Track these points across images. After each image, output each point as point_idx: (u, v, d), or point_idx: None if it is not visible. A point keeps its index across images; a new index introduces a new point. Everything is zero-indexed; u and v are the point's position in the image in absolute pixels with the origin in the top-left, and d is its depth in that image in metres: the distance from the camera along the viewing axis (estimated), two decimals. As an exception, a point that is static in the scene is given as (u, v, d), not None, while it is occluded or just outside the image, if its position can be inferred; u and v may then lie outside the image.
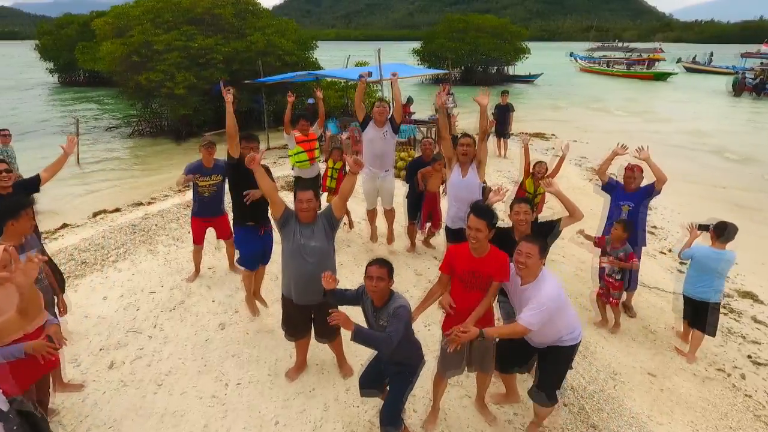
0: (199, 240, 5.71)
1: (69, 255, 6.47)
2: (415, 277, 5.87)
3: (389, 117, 5.84)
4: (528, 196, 6.09)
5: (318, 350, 4.30)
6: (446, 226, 5.21)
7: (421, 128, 13.56)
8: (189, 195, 9.28)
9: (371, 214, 6.55)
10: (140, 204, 9.11)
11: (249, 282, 4.90)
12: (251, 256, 4.80)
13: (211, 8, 15.91)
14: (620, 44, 57.85)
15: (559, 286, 3.09)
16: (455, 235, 4.95)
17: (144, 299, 5.33)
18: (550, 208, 6.69)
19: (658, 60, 41.21)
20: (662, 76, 37.98)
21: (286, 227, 3.63)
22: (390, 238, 6.63)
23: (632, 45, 56.24)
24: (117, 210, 8.77)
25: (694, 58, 47.04)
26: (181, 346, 4.49)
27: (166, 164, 12.79)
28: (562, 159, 6.17)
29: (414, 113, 14.18)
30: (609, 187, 5.30)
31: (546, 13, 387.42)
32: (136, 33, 14.49)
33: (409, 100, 13.84)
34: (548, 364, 3.35)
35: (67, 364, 4.17)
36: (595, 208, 9.08)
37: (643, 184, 5.18)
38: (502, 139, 12.21)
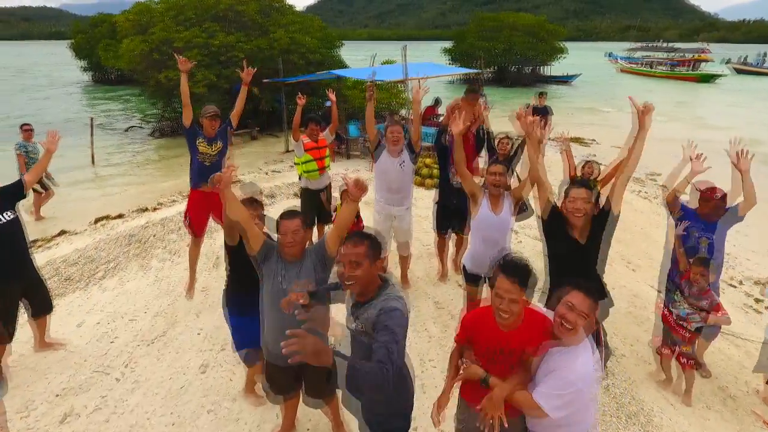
0: (199, 229, 5.11)
1: (55, 269, 5.88)
2: (435, 311, 5.00)
3: (406, 143, 4.73)
4: None
5: (310, 409, 3.50)
6: (463, 266, 4.23)
7: (450, 131, 12.67)
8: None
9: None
10: (145, 210, 8.54)
11: (251, 375, 3.68)
12: (251, 347, 3.38)
13: (234, 4, 15.39)
14: (664, 44, 55.08)
15: (594, 368, 2.19)
16: (475, 280, 4.09)
17: (122, 328, 4.65)
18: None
19: (705, 61, 38.82)
20: (708, 78, 35.74)
21: (266, 264, 2.83)
22: (405, 281, 5.41)
23: (676, 45, 53.47)
24: (120, 216, 8.22)
25: (744, 58, 44.27)
26: (151, 394, 3.76)
27: (185, 165, 12.23)
28: (618, 167, 5.09)
29: (442, 115, 13.26)
30: (682, 215, 4.12)
31: (582, 12, 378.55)
32: (157, 30, 14.08)
33: (437, 102, 12.95)
34: None
35: (15, 414, 3.50)
36: (647, 227, 8.06)
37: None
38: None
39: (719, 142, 14.84)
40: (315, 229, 6.11)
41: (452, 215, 5.20)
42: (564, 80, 34.62)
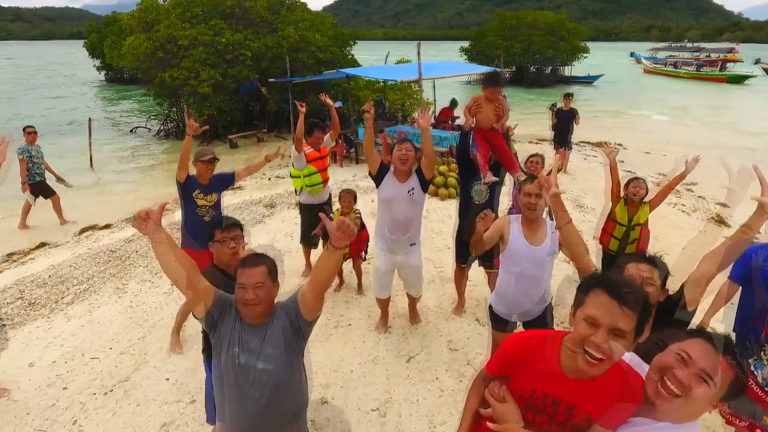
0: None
1: (20, 291, 5.25)
2: (449, 354, 4.21)
3: (416, 168, 3.74)
4: (620, 229, 4.36)
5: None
6: (489, 306, 3.42)
7: (466, 135, 11.84)
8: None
9: (383, 303, 4.38)
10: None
11: None
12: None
13: (242, 1, 14.77)
14: (689, 44, 53.21)
15: None
16: (503, 324, 3.30)
17: (80, 369, 3.97)
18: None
19: (735, 61, 37.18)
20: (738, 79, 34.14)
21: (217, 331, 2.09)
22: (414, 317, 4.60)
23: (702, 45, 51.63)
24: (107, 227, 7.60)
25: (775, 58, 42.46)
26: (95, 466, 3.06)
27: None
28: (678, 179, 4.21)
29: (458, 117, 12.45)
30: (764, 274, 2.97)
31: (602, 11, 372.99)
32: (162, 27, 13.52)
33: (453, 103, 12.15)
34: None
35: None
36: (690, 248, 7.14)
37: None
38: (562, 149, 10.30)
39: (762, 151, 13.75)
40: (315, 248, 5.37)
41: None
42: (586, 81, 33.41)
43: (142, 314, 4.82)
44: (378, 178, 3.76)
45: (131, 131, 16.34)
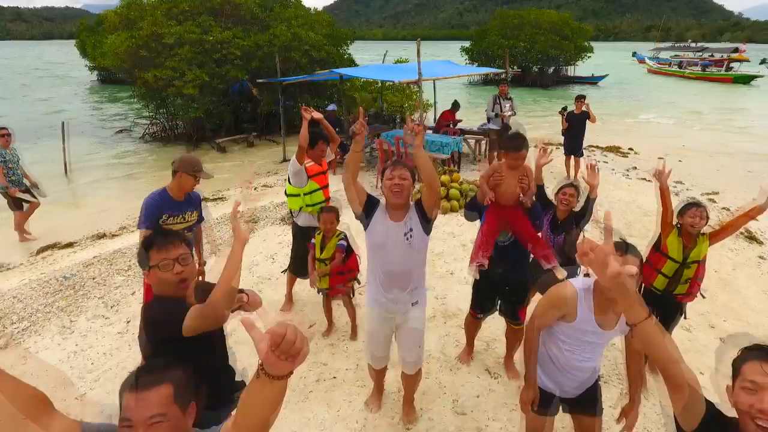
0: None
1: (-56, 332, 4.44)
2: (454, 419, 3.41)
3: (415, 201, 2.81)
4: (671, 265, 3.49)
5: None
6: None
7: (469, 140, 11.04)
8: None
9: (378, 373, 3.34)
10: (102, 236, 7.11)
11: None
12: None
13: (232, -4, 13.96)
14: (693, 44, 52.33)
15: None
16: (545, 403, 2.48)
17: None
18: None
19: (741, 61, 36.35)
20: (745, 79, 33.35)
21: None
22: (409, 410, 3.35)
23: (706, 45, 50.79)
24: (69, 245, 6.80)
25: (782, 58, 41.59)
26: None
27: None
28: (756, 212, 3.38)
29: (460, 121, 11.65)
30: None
31: (602, 11, 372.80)
32: (146, 25, 12.72)
33: (455, 105, 11.34)
34: None
35: None
36: (722, 271, 6.32)
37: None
38: (573, 157, 9.50)
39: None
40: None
41: (496, 289, 3.52)
42: (591, 81, 32.59)
43: (87, 363, 4.02)
44: (366, 214, 2.76)
45: (116, 134, 15.50)
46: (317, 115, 4.35)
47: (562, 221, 3.80)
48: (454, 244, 6.32)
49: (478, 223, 3.49)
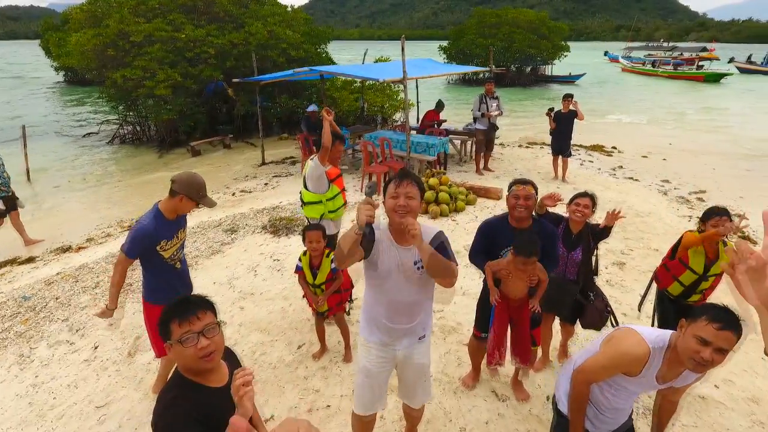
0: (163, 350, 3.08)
1: None
2: (463, 452, 3.10)
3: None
4: (689, 276, 3.30)
5: None
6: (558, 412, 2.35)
7: (455, 140, 10.78)
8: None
9: (364, 426, 2.71)
10: (68, 249, 6.57)
11: None
12: None
13: (205, -7, 13.42)
14: (666, 44, 53.47)
15: None
16: None
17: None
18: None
19: (712, 59, 37.23)
20: (715, 78, 34.12)
21: None
22: None
23: (680, 45, 51.98)
24: (30, 260, 6.25)
25: (749, 57, 42.76)
26: None
27: (141, 186, 10.07)
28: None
29: (445, 121, 11.39)
30: None
31: (573, 12, 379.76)
32: (113, 22, 12.07)
33: (439, 105, 11.08)
34: None
35: None
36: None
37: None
38: (560, 157, 9.33)
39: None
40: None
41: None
42: (568, 80, 32.85)
43: (48, 397, 3.57)
44: (366, 240, 2.12)
45: (83, 137, 14.75)
46: (329, 117, 4.15)
47: (576, 235, 3.43)
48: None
49: (471, 226, 3.21)
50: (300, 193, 4.41)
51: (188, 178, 2.99)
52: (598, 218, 3.68)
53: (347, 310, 4.02)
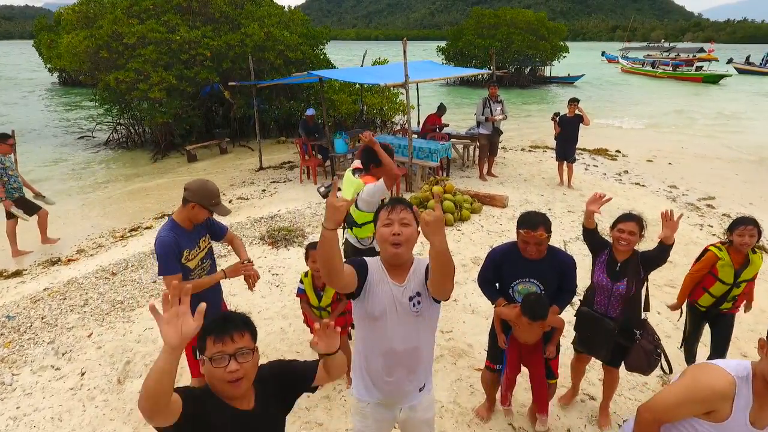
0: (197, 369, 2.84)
1: None
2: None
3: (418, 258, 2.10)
4: (720, 287, 3.38)
5: None
6: None
7: (457, 145, 10.53)
8: (132, 246, 6.48)
9: None
10: (57, 262, 6.29)
11: None
12: None
13: (200, -7, 13.12)
14: (667, 44, 53.37)
15: None
16: None
17: None
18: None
19: (710, 60, 37.13)
20: (714, 79, 34.01)
21: None
22: None
23: (679, 45, 51.93)
24: (17, 274, 5.96)
25: (747, 58, 42.72)
26: None
27: (135, 193, 9.76)
28: None
29: (447, 125, 11.14)
30: None
31: (570, 12, 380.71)
32: (105, 23, 11.77)
33: (441, 108, 10.83)
34: None
35: None
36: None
37: None
38: (564, 163, 9.10)
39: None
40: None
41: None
42: (567, 81, 32.69)
43: (28, 432, 3.30)
44: (359, 285, 1.95)
45: (77, 140, 14.44)
46: (369, 137, 3.84)
47: (622, 264, 2.94)
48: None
49: (476, 236, 3.01)
50: (348, 215, 3.89)
51: (200, 186, 2.84)
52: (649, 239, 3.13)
53: (349, 334, 3.78)
